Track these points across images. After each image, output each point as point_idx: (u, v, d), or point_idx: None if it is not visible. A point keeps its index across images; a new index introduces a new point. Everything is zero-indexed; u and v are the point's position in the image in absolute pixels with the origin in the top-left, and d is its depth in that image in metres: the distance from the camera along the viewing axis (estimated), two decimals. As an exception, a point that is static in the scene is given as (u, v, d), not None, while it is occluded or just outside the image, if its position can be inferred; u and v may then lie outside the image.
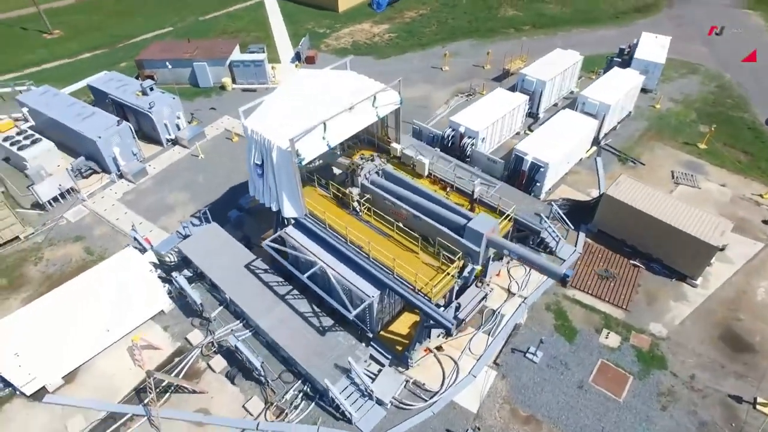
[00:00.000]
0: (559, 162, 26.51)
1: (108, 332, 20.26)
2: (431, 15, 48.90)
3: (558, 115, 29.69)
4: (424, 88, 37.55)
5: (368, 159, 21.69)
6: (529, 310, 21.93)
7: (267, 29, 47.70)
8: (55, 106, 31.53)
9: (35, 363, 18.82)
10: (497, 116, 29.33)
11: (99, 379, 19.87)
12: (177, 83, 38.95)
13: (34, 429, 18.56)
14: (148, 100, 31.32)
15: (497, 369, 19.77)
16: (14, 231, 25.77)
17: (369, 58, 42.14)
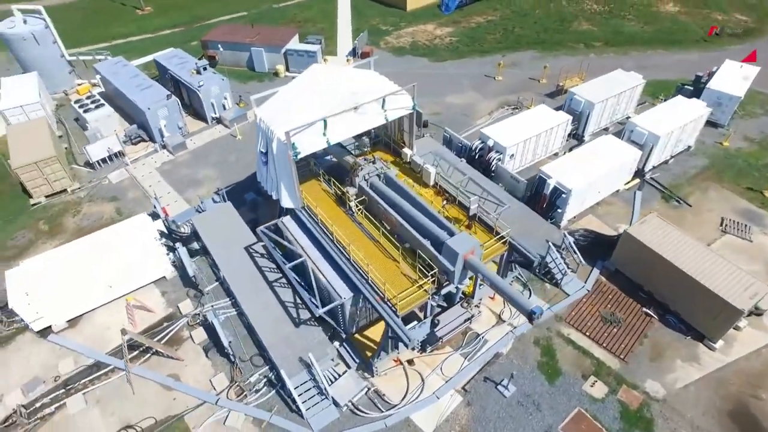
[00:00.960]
0: (584, 189, 24.74)
1: (110, 288, 21.95)
2: (499, 22, 47.35)
3: (598, 140, 27.68)
4: (471, 96, 36.54)
5: (370, 161, 21.59)
6: (516, 340, 20.77)
7: (333, 22, 48.71)
8: (121, 76, 34.44)
9: (45, 304, 20.82)
10: (532, 134, 27.89)
11: (96, 330, 21.63)
12: (236, 65, 41.12)
13: (34, 362, 20.64)
14: (199, 79, 33.27)
15: (464, 395, 18.97)
16: (63, 184, 28.60)
17: (424, 60, 41.72)
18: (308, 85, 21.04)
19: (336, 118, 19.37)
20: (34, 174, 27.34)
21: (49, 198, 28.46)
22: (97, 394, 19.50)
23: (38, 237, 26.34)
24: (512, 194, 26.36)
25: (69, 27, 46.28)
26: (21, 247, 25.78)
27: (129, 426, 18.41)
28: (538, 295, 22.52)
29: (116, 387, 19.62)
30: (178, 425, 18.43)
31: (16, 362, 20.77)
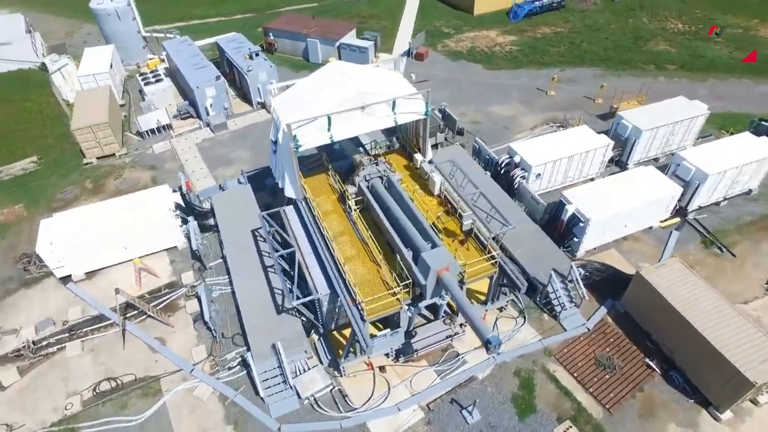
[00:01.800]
0: (606, 221, 23.01)
1: (125, 249, 23.66)
2: (566, 35, 44.94)
3: (636, 171, 25.60)
4: (517, 109, 35.11)
5: (373, 162, 21.49)
6: (496, 367, 19.83)
7: (397, 20, 48.77)
8: (183, 55, 36.84)
9: (67, 255, 22.88)
10: (564, 155, 26.32)
11: (108, 285, 23.41)
12: (293, 54, 42.48)
13: (51, 304, 22.83)
14: (249, 64, 34.76)
15: (427, 413, 18.44)
16: (112, 149, 31.19)
17: (478, 67, 40.64)
18: (323, 80, 21.30)
19: (341, 116, 19.46)
20: (88, 137, 30.06)
21: (100, 160, 31.17)
22: (93, 343, 21.20)
23: (82, 194, 28.98)
24: (531, 215, 25.15)
25: (154, 6, 50.20)
26: (66, 200, 28.51)
27: (111, 378, 19.85)
28: (532, 324, 21.32)
29: (110, 340, 21.20)
30: (153, 385, 19.59)
31: (37, 302, 23.09)
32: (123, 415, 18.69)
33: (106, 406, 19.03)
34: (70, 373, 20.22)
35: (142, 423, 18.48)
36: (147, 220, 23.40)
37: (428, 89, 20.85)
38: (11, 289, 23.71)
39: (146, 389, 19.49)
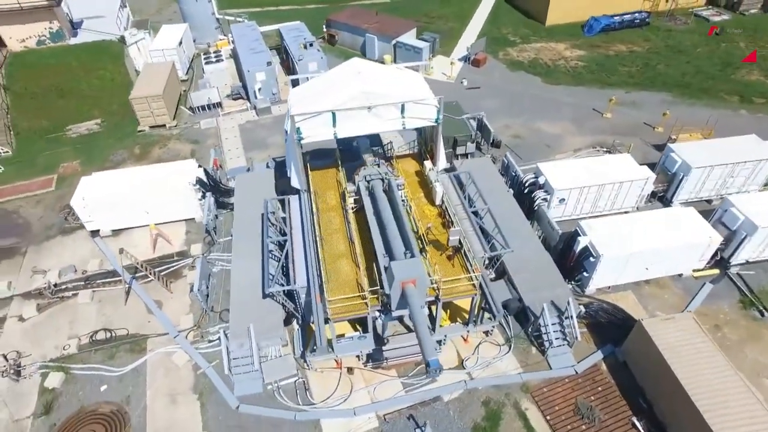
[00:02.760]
0: (623, 260, 21.11)
1: (147, 214, 25.43)
2: (643, 55, 41.45)
3: (672, 211, 23.23)
4: (565, 127, 33.09)
5: (375, 163, 21.29)
6: (465, 392, 18.99)
7: (465, 23, 47.70)
8: (245, 39, 38.68)
9: (97, 211, 25.05)
10: (594, 182, 24.45)
11: (126, 244, 25.33)
12: (352, 48, 43.06)
13: (77, 254, 25.14)
14: (302, 53, 35.76)
15: (381, 423, 18.12)
16: (163, 120, 33.58)
17: (536, 79, 38.75)
18: (339, 76, 21.40)
19: (346, 114, 19.49)
20: (143, 106, 32.58)
21: (152, 129, 33.68)
22: (102, 294, 23.08)
23: (129, 158, 31.54)
24: (546, 242, 23.72)
25: (235, -10, 53.08)
26: (115, 162, 31.18)
27: (108, 329, 21.53)
28: (517, 355, 20.14)
29: (116, 295, 22.96)
30: (140, 343, 21.00)
31: (68, 250, 25.54)
32: (108, 365, 20.23)
33: (97, 354, 20.69)
34: (76, 317, 22.20)
35: (122, 376, 19.89)
36: (169, 190, 24.95)
37: (441, 96, 20.17)
38: (50, 235, 26.42)
39: (134, 345, 20.93)
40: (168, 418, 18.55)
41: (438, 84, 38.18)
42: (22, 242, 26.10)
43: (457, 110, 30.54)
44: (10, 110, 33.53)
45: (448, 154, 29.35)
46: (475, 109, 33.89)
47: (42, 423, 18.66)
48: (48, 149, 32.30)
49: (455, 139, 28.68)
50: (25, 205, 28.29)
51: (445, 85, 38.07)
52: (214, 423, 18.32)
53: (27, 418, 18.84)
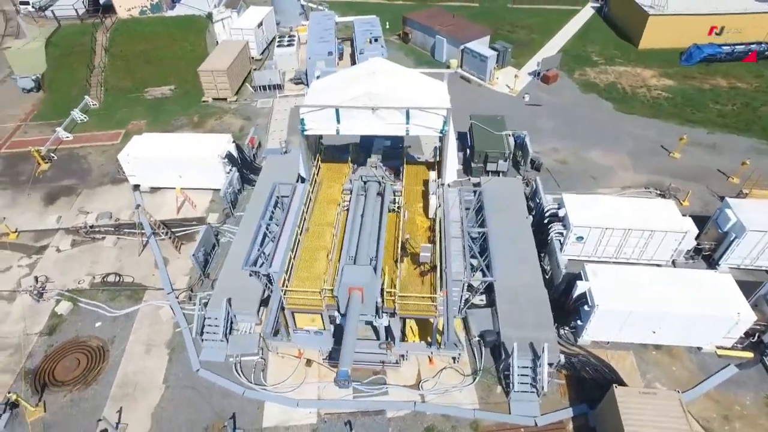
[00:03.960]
0: (622, 316, 18.97)
1: (180, 178, 27.55)
2: (746, 93, 36.16)
3: (705, 273, 20.35)
4: (621, 161, 30.14)
5: (372, 166, 21.09)
6: (411, 413, 18.36)
7: (550, 36, 45.04)
8: (318, 27, 40.05)
9: (139, 168, 27.66)
10: (621, 225, 22.10)
11: (159, 201, 27.77)
12: (423, 48, 42.75)
13: (117, 203, 28.02)
14: (365, 47, 36.25)
15: (318, 421, 18.17)
16: (225, 94, 36.00)
17: (607, 105, 35.62)
18: (356, 73, 21.47)
19: (350, 112, 19.55)
20: (209, 79, 35.17)
21: (214, 101, 36.26)
22: (124, 242, 25.54)
23: (188, 124, 34.30)
24: (551, 279, 22.11)
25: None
26: (175, 126, 34.10)
27: (118, 274, 23.84)
28: (480, 389, 19.00)
29: (134, 245, 25.27)
30: (139, 293, 23.00)
31: (112, 198, 28.55)
32: (108, 306, 22.43)
33: (103, 294, 23.02)
34: (98, 258, 24.84)
35: (115, 318, 21.96)
36: (200, 159, 26.80)
37: (449, 107, 19.40)
38: (103, 182, 29.70)
39: (133, 293, 22.98)
40: (138, 364, 20.20)
41: (497, 96, 36.70)
42: (79, 184, 29.65)
43: (500, 125, 29.16)
44: (105, 69, 37.98)
45: (478, 169, 28.32)
46: (528, 127, 32.19)
47: (44, 342, 21.26)
48: (126, 107, 36.18)
49: (486, 154, 27.46)
50: (93, 153, 32.02)
51: (504, 97, 36.43)
52: (174, 379, 19.62)
53: (35, 335, 21.57)
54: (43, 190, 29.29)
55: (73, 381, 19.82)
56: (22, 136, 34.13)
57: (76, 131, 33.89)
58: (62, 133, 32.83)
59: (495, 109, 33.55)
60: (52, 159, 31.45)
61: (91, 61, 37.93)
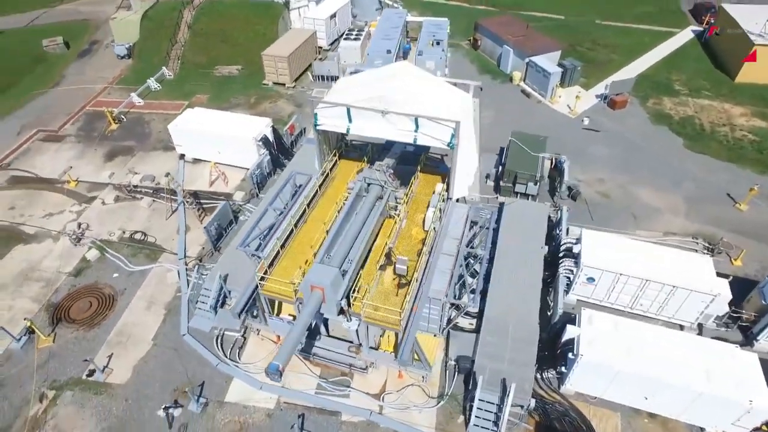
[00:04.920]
0: (607, 373, 17.31)
1: (218, 153, 29.26)
2: None
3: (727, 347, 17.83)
4: (672, 203, 27.20)
5: (377, 169, 20.89)
6: (365, 422, 18.17)
7: (632, 58, 41.49)
8: (387, 24, 40.29)
9: (184, 138, 29.76)
10: (639, 274, 20.07)
11: (197, 173, 29.73)
12: (490, 56, 41.45)
13: (163, 168, 30.25)
14: (424, 49, 35.94)
15: (275, 408, 18.60)
16: (284, 79, 37.52)
17: (677, 141, 32.17)
18: (378, 75, 21.38)
19: (361, 113, 19.55)
20: (270, 63, 36.83)
21: (274, 85, 37.90)
22: (156, 205, 27.67)
23: (244, 104, 36.23)
24: (549, 318, 20.74)
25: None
26: (232, 104, 36.17)
27: (144, 232, 25.96)
28: (441, 414, 18.37)
29: (163, 209, 27.25)
30: (157, 254, 24.89)
31: (159, 162, 31.01)
32: (128, 260, 24.53)
33: (126, 249, 25.20)
34: (132, 215, 27.20)
35: (131, 272, 23.96)
36: (237, 138, 28.24)
37: (458, 121, 18.66)
38: (157, 147, 32.35)
39: (151, 253, 24.90)
40: (137, 318, 21.95)
41: (554, 115, 34.66)
42: (137, 146, 32.55)
43: (540, 146, 27.56)
44: (185, 44, 41.15)
45: (507, 189, 27.07)
46: (578, 152, 30.25)
47: (69, 281, 23.77)
48: (195, 81, 38.98)
49: (516, 174, 26.13)
50: (156, 120, 34.92)
51: (561, 118, 34.31)
52: (161, 338, 21.10)
53: (64, 274, 24.17)
54: (107, 148, 32.54)
55: (82, 321, 21.99)
56: (106, 97, 38.07)
57: (148, 98, 37.15)
58: (135, 99, 36.15)
59: (548, 128, 31.83)
60: (121, 120, 34.79)
61: (174, 36, 41.28)
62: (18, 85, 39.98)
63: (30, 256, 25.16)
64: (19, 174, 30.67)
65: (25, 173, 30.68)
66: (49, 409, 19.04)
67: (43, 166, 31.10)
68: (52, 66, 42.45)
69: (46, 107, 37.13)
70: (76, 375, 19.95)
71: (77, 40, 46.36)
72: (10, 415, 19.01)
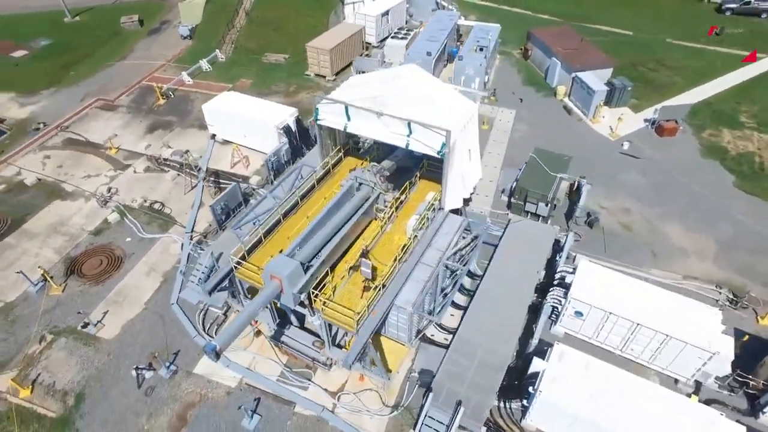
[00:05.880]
0: (566, 415, 16.23)
1: (244, 137, 30.48)
2: None
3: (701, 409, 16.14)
4: (701, 245, 24.74)
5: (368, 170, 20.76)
6: (315, 417, 18.31)
7: (696, 83, 37.96)
8: (436, 25, 39.83)
9: (216, 119, 31.27)
10: (632, 317, 18.53)
11: (223, 153, 31.13)
12: (539, 68, 39.82)
13: (194, 145, 31.97)
14: (465, 54, 35.17)
15: (235, 387, 19.26)
16: (325, 72, 38.19)
17: (727, 178, 28.97)
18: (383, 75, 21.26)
19: (359, 113, 19.61)
20: (314, 55, 37.66)
21: (315, 76, 38.74)
22: (179, 179, 29.29)
23: (283, 92, 37.37)
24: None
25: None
26: (272, 91, 37.41)
27: (162, 203, 27.67)
28: (391, 425, 18.15)
29: (185, 183, 28.82)
30: (168, 224, 26.45)
31: (193, 139, 32.81)
32: (142, 227, 26.27)
33: (143, 216, 26.98)
34: (156, 186, 29.05)
35: (141, 238, 25.66)
36: (261, 124, 29.24)
37: (449, 129, 18.11)
38: (194, 125, 34.18)
39: (164, 224, 26.50)
40: (136, 281, 23.54)
41: (591, 135, 32.64)
42: (177, 122, 34.63)
43: (561, 166, 26.19)
44: (240, 30, 43.06)
45: (518, 206, 25.97)
46: (609, 177, 28.54)
47: (89, 239, 25.89)
48: (244, 66, 40.70)
49: (527, 193, 24.98)
50: (200, 99, 36.81)
51: (599, 139, 32.23)
52: (153, 303, 22.51)
53: (86, 231, 26.34)
54: (150, 121, 34.90)
55: (91, 277, 23.89)
56: (162, 73, 40.75)
57: (198, 78, 39.32)
58: (185, 78, 38.42)
59: (582, 148, 30.26)
60: (169, 97, 37.13)
61: (232, 21, 43.30)
62: (93, 56, 43.80)
63: (63, 212, 27.64)
64: (73, 137, 33.68)
65: (77, 136, 33.65)
66: (45, 350, 20.95)
67: (93, 132, 33.95)
68: (125, 41, 46.06)
69: (110, 78, 40.40)
70: (73, 324, 21.76)
71: (151, 19, 49.95)
72: (14, 349, 21.12)
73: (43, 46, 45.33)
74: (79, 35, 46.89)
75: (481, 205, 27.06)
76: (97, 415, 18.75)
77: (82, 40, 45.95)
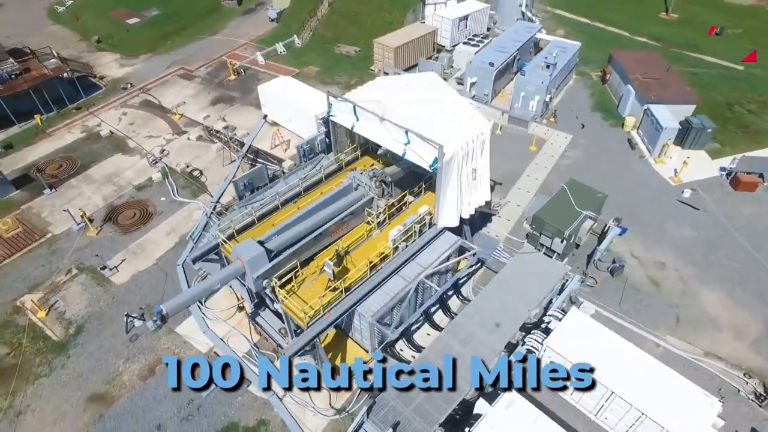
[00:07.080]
0: (497, 467, 15.14)
1: (290, 122, 31.77)
2: None
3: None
4: (742, 320, 21.37)
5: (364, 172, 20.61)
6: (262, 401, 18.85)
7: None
8: (512, 36, 38.30)
9: (269, 101, 32.88)
10: (608, 384, 16.71)
11: (269, 134, 32.63)
12: (615, 94, 36.71)
13: (248, 123, 33.96)
14: (528, 70, 33.39)
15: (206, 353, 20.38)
16: (388, 69, 38.31)
17: (805, 249, 24.86)
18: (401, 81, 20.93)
19: (365, 115, 19.63)
20: (379, 51, 38.04)
21: (378, 71, 39.08)
22: (222, 152, 31.23)
23: (342, 83, 38.24)
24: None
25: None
26: (334, 82, 38.41)
27: (201, 171, 29.79)
28: (331, 428, 18.18)
29: (226, 156, 30.71)
30: (202, 191, 28.39)
31: (248, 116, 34.82)
32: (177, 190, 28.53)
33: (183, 180, 29.29)
34: (201, 155, 31.35)
35: (172, 200, 27.90)
36: (303, 112, 30.25)
37: (441, 144, 17.40)
38: (253, 103, 36.10)
39: (197, 190, 28.56)
40: (156, 237, 25.74)
41: (651, 176, 29.41)
42: (239, 98, 36.94)
43: (593, 203, 24.09)
44: (321, 18, 44.57)
45: (533, 237, 24.36)
46: (654, 225, 26.02)
47: (131, 192, 28.74)
48: (316, 53, 42.19)
49: (543, 224, 23.29)
50: (266, 79, 38.64)
51: (657, 181, 28.90)
52: (162, 261, 24.46)
53: (132, 186, 29.24)
54: (217, 94, 37.59)
55: (122, 226, 26.54)
56: (243, 51, 43.58)
57: (271, 60, 41.50)
58: (260, 58, 40.74)
59: (634, 187, 28.05)
60: (240, 74, 39.64)
61: (315, 9, 44.94)
62: (189, 29, 48.04)
63: (121, 164, 30.92)
64: (150, 99, 37.35)
65: (153, 99, 37.26)
66: (68, 282, 23.74)
67: (167, 97, 37.37)
68: (221, 17, 49.88)
69: (198, 50, 44.08)
70: (95, 264, 24.38)
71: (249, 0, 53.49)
72: (46, 275, 24.18)
73: (153, 16, 50.52)
74: (184, 8, 51.54)
75: (499, 229, 25.78)
76: (87, 347, 20.95)
77: (185, 13, 50.51)
